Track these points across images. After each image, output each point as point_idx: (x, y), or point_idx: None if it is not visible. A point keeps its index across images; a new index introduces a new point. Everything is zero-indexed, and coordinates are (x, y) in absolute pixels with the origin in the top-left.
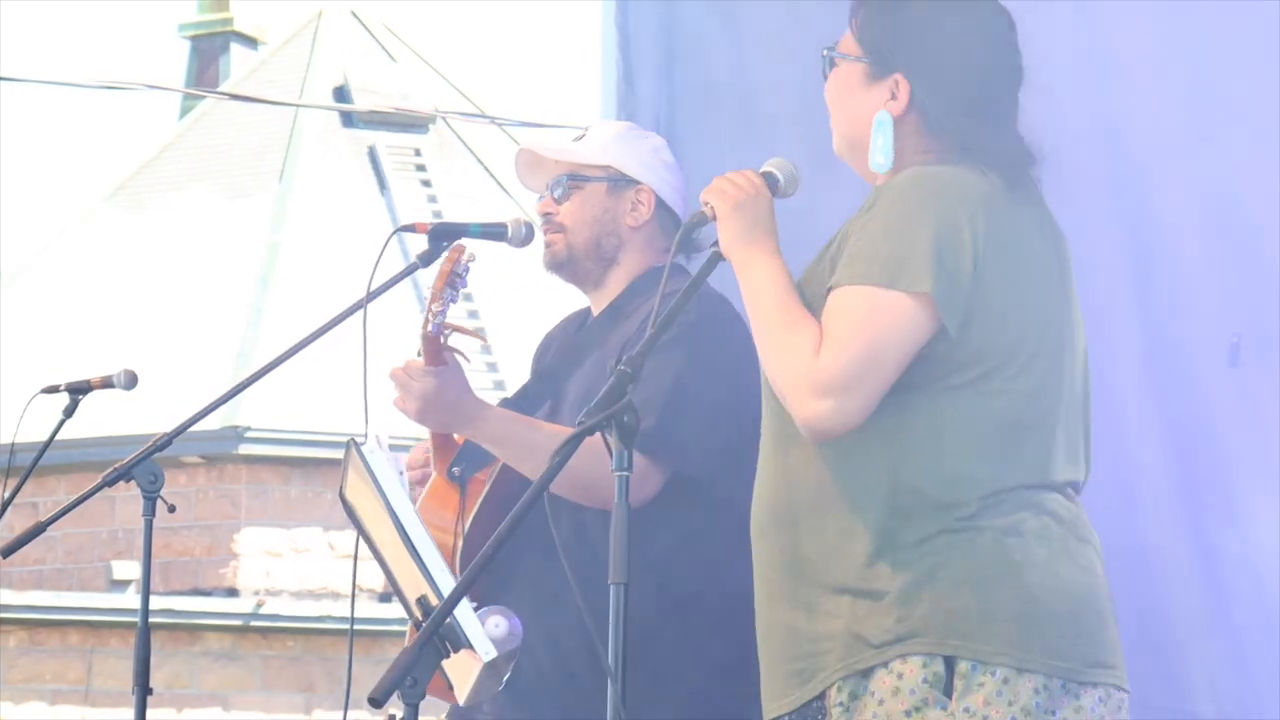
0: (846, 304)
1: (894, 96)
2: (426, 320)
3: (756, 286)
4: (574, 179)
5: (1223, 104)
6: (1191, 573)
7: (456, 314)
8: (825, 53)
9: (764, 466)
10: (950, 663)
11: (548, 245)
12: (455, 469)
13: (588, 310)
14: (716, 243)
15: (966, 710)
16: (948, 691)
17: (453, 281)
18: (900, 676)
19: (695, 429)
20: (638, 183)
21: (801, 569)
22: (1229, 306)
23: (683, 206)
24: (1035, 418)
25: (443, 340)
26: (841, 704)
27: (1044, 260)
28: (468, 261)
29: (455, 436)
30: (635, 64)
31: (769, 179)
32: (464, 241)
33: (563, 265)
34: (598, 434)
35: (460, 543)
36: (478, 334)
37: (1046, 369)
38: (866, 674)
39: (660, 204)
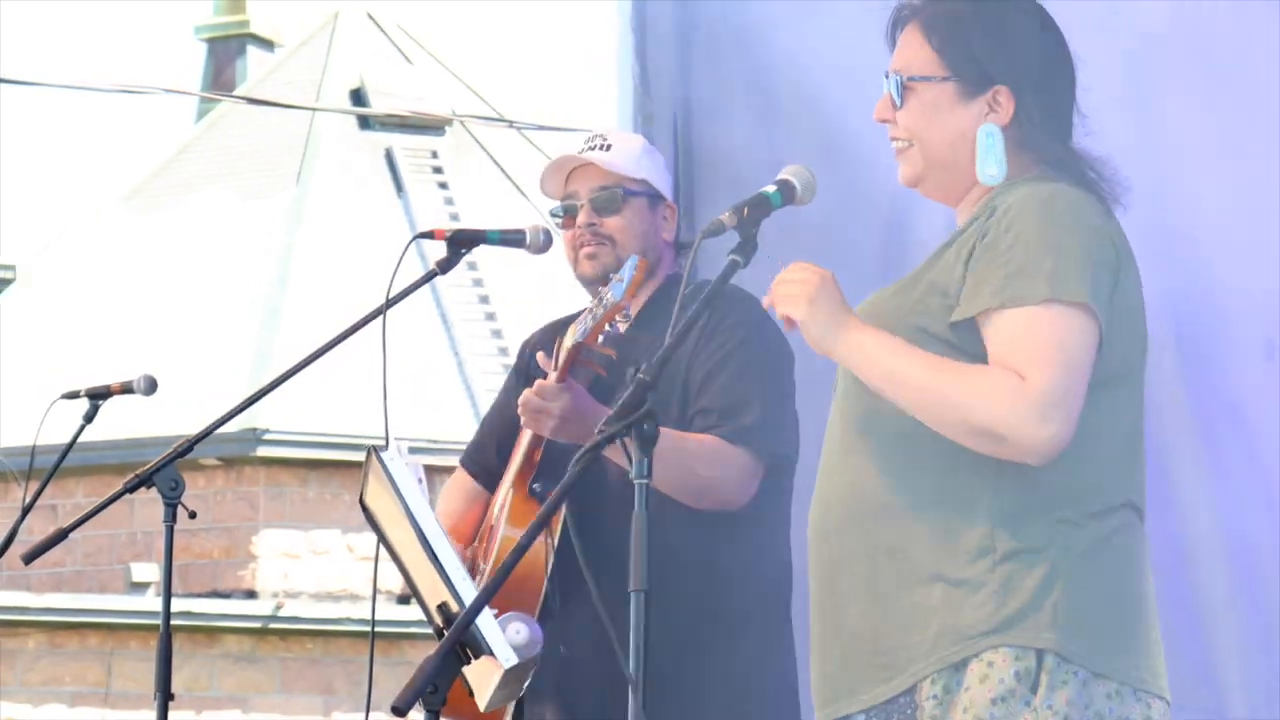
0: (1029, 324)
1: (993, 109)
2: (594, 333)
3: (882, 361)
4: (626, 192)
5: (1252, 108)
6: (1223, 567)
7: (469, 312)
8: (902, 79)
9: (831, 469)
10: (1040, 658)
11: (592, 257)
12: (535, 485)
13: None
14: (734, 249)
15: (1050, 708)
16: (1034, 688)
17: (630, 299)
18: (990, 665)
19: (786, 416)
20: (664, 198)
21: (885, 565)
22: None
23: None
24: (1139, 435)
25: (581, 356)
26: (935, 697)
27: (1138, 280)
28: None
29: (535, 454)
30: (652, 66)
31: (785, 187)
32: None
33: (609, 280)
34: (711, 436)
35: (552, 557)
36: (611, 351)
37: (1142, 387)
38: (960, 666)
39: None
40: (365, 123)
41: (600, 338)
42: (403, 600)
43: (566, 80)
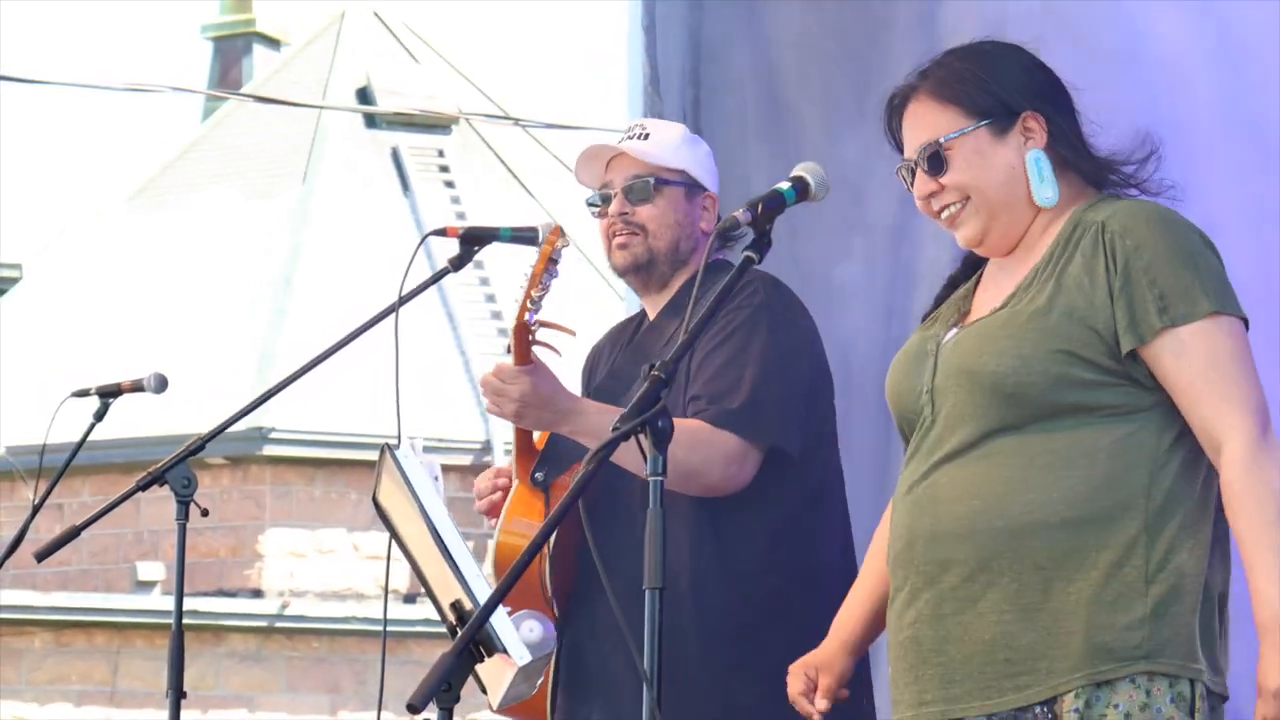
0: (1203, 344)
1: (1029, 137)
2: (522, 309)
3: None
4: (659, 181)
5: None
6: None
7: (476, 311)
8: (939, 145)
9: (940, 485)
10: (1193, 686)
11: (623, 247)
12: (538, 474)
13: (639, 316)
14: (748, 246)
15: None
16: (1191, 713)
17: (549, 268)
18: (1149, 694)
19: (786, 404)
20: (705, 189)
21: (1031, 578)
22: None
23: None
24: None
25: (532, 336)
26: (1077, 710)
27: None
28: (562, 247)
29: (535, 442)
30: (661, 65)
31: (799, 184)
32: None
33: (641, 268)
34: (696, 420)
35: (550, 548)
36: (567, 328)
37: None
38: (1108, 685)
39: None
40: (371, 121)
41: (528, 315)
42: (409, 599)
43: (573, 79)
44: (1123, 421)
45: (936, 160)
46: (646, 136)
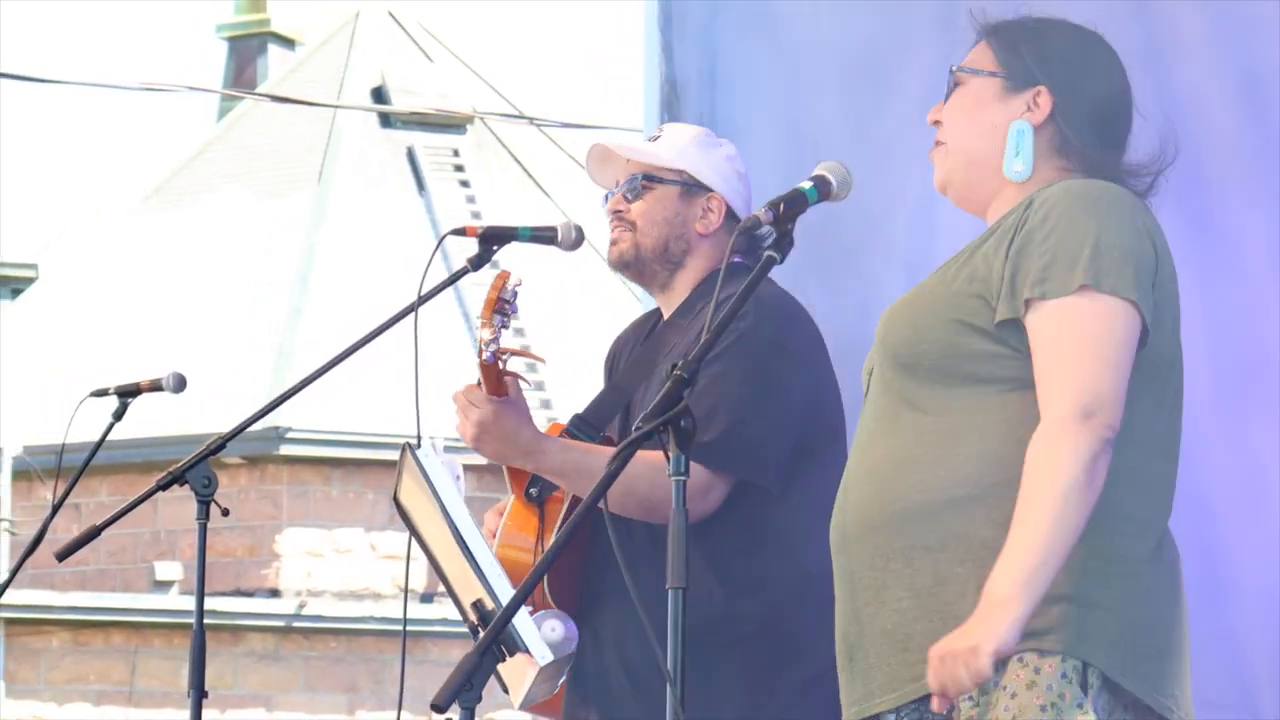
0: (1057, 320)
1: (1031, 108)
2: (480, 350)
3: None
4: (648, 179)
5: None
6: (1250, 563)
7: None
8: (953, 70)
9: (856, 470)
10: (1084, 669)
11: (614, 242)
12: (532, 490)
13: (657, 313)
14: (769, 245)
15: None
16: (1084, 688)
17: (500, 308)
18: (1037, 671)
19: (763, 437)
20: (709, 190)
21: (922, 562)
22: None
23: (746, 214)
24: (1177, 438)
25: (501, 366)
26: (971, 698)
27: (1174, 277)
28: (515, 286)
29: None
30: (678, 65)
31: (821, 183)
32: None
33: (628, 264)
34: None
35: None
36: (534, 355)
37: (1181, 386)
38: (997, 666)
39: (730, 213)
40: (386, 121)
41: (486, 354)
42: (426, 599)
43: (588, 78)
44: (1018, 394)
45: (950, 89)
46: (657, 138)
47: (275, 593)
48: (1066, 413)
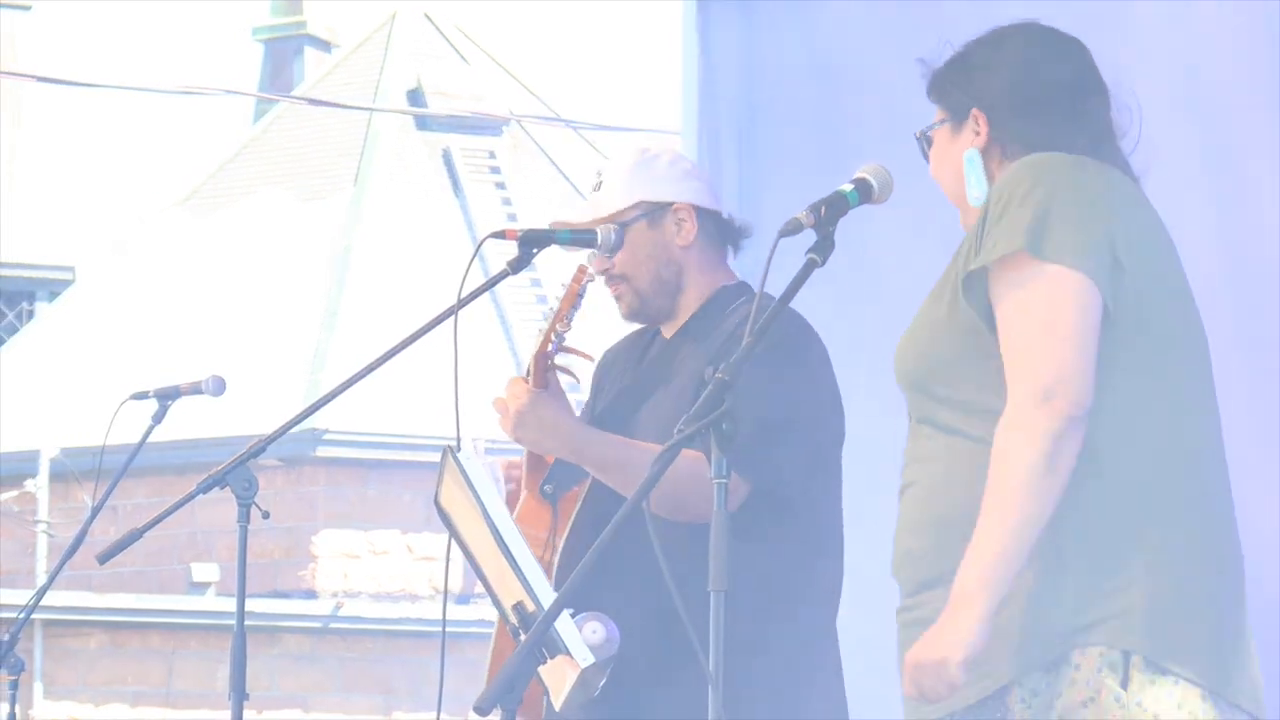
0: (1014, 296)
1: (976, 133)
2: (545, 341)
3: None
4: (619, 228)
5: None
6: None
7: (527, 313)
8: (917, 136)
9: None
10: (1127, 656)
11: (618, 299)
12: (547, 487)
13: (653, 332)
14: (811, 248)
15: (1139, 704)
16: (1124, 684)
17: (576, 303)
18: (1078, 668)
19: (782, 445)
20: (670, 203)
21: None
22: None
23: (716, 201)
24: (1186, 416)
25: (550, 362)
26: (1024, 700)
27: (1169, 245)
28: (588, 281)
29: (546, 456)
30: (715, 67)
31: (862, 185)
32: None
33: (638, 313)
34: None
35: (556, 558)
36: (587, 354)
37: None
38: (1050, 668)
39: (701, 213)
40: (423, 123)
41: (551, 345)
42: (463, 600)
43: (625, 80)
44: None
45: (925, 152)
46: (599, 185)
47: (312, 594)
48: (1024, 397)
